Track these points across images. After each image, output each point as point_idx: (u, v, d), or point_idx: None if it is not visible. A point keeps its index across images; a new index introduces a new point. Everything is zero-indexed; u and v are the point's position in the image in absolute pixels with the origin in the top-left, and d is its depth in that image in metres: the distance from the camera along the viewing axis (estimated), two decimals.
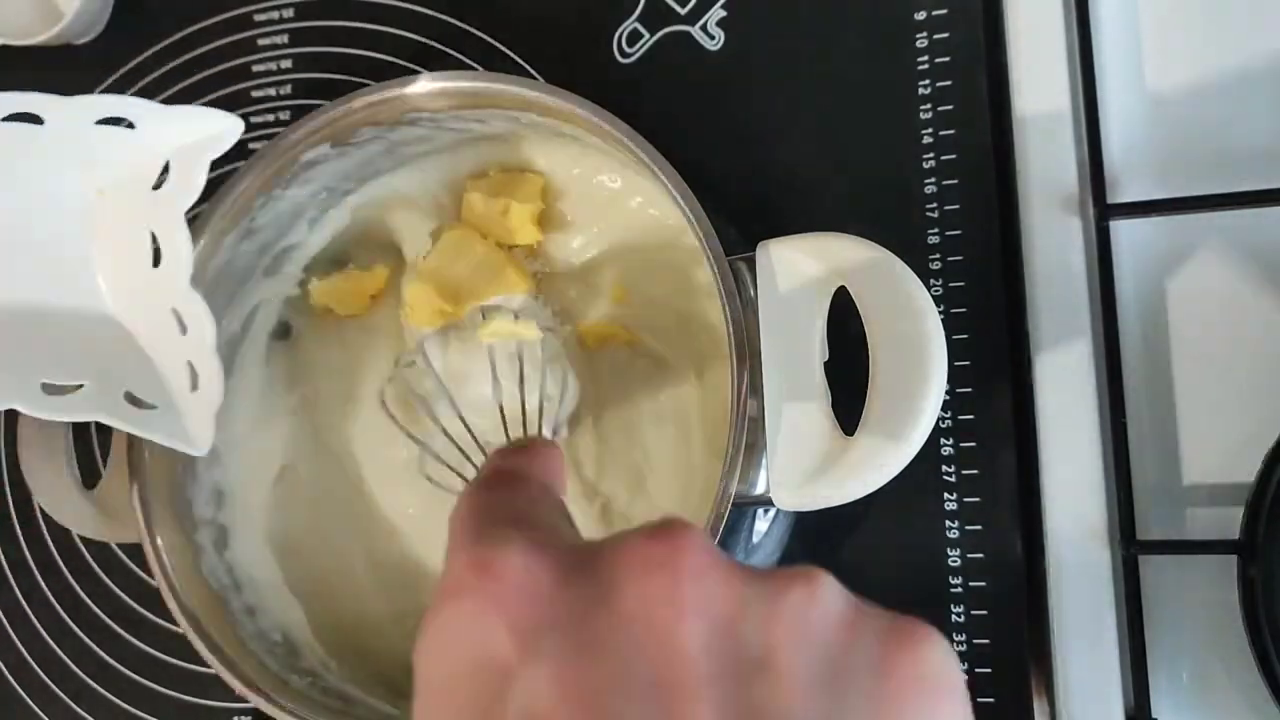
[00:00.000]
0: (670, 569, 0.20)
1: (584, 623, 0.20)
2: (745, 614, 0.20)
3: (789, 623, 0.20)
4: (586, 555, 0.21)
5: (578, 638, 0.19)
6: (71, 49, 0.62)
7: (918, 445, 0.36)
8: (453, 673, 0.20)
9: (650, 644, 0.19)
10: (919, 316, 0.37)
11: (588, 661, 0.19)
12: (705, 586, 0.20)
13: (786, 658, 0.20)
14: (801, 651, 0.20)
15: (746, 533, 0.43)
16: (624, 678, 0.19)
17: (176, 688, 0.54)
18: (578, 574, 0.21)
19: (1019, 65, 0.48)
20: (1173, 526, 0.45)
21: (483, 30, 0.55)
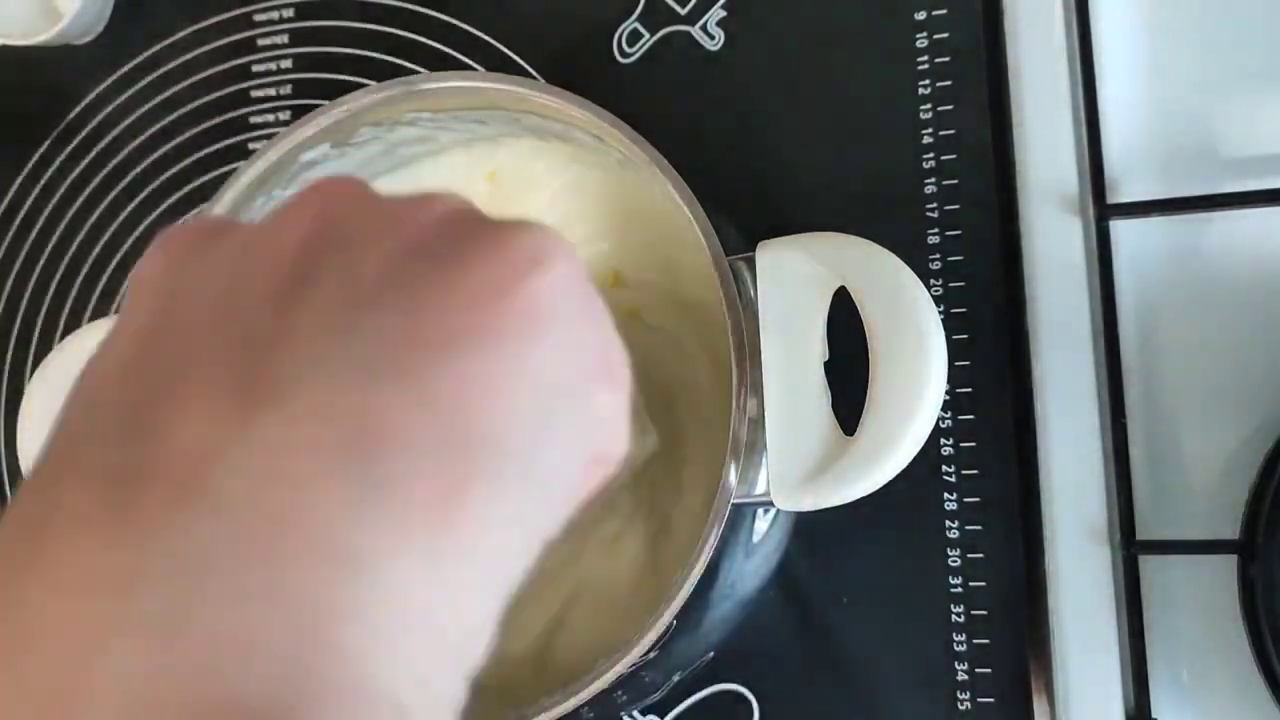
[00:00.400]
0: (303, 193, 0.21)
1: (222, 242, 0.21)
2: (354, 210, 0.21)
3: (386, 212, 0.21)
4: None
5: (209, 250, 0.21)
6: (71, 49, 0.62)
7: (917, 445, 0.36)
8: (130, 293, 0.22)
9: (257, 242, 0.20)
10: (919, 316, 0.37)
11: (203, 264, 0.20)
12: (324, 195, 0.21)
13: (369, 238, 0.20)
14: (386, 234, 0.20)
15: (746, 533, 0.43)
16: (221, 269, 0.20)
17: None
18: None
19: (1019, 65, 0.48)
20: (1173, 526, 0.45)
21: (483, 30, 0.55)
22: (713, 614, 0.43)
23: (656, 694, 0.46)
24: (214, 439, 0.17)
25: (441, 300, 0.19)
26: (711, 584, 0.40)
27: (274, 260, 0.20)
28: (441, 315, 0.19)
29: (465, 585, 0.18)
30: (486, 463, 0.18)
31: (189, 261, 0.21)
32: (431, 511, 0.17)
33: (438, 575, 0.17)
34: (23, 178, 0.62)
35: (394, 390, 0.18)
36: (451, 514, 0.17)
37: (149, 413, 0.17)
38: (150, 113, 0.60)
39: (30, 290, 0.61)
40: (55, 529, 0.16)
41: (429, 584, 0.17)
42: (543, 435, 0.19)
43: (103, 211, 0.61)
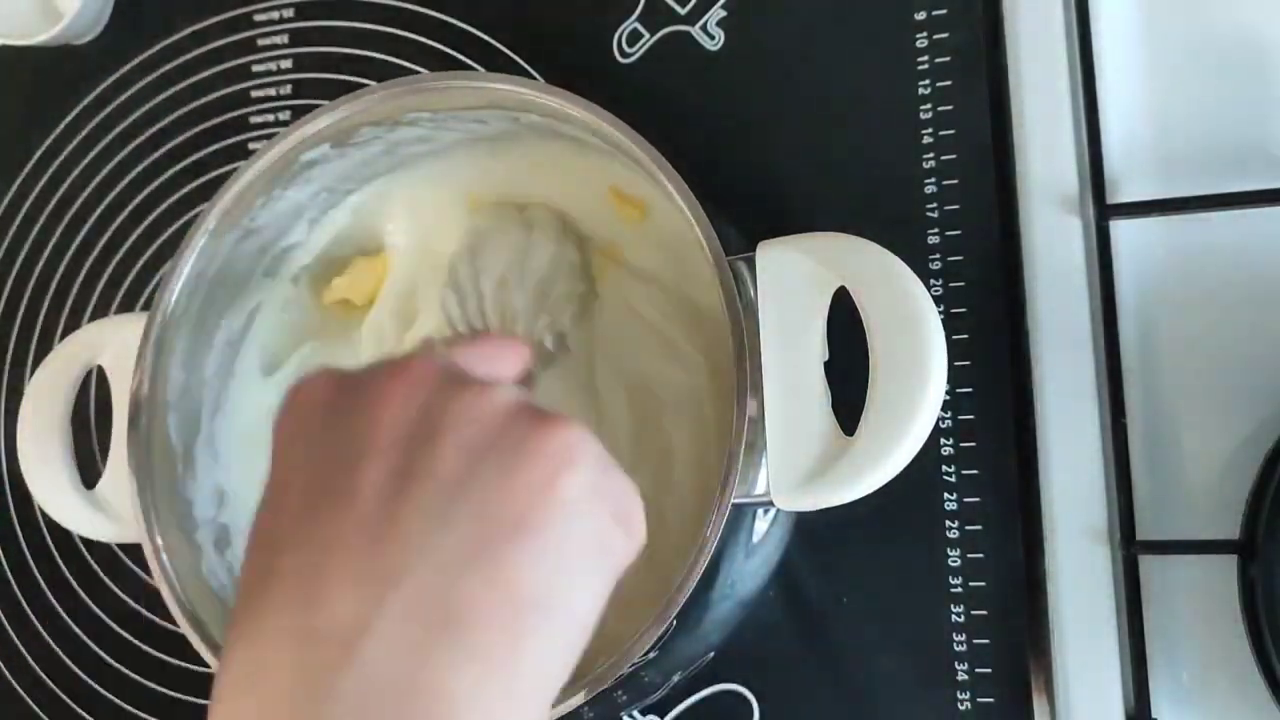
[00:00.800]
0: (400, 370, 0.28)
1: (337, 406, 0.28)
2: (436, 400, 0.27)
3: (461, 406, 0.27)
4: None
5: (331, 416, 0.28)
6: (71, 49, 0.62)
7: (918, 445, 0.36)
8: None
9: (365, 419, 0.27)
10: (919, 316, 0.37)
11: (329, 430, 0.28)
12: (414, 381, 0.28)
13: (449, 430, 0.27)
14: (461, 427, 0.27)
15: (746, 533, 0.43)
16: (344, 441, 0.27)
17: (176, 688, 0.54)
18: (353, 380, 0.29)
19: (1019, 65, 0.48)
20: (1173, 526, 0.45)
21: (483, 30, 0.55)
22: (713, 614, 0.43)
23: (656, 694, 0.46)
24: (362, 614, 0.24)
25: (503, 498, 0.26)
26: (711, 584, 0.40)
27: (379, 449, 0.27)
28: (502, 510, 0.26)
29: (527, 698, 0.25)
30: (536, 620, 0.26)
31: (315, 429, 0.28)
32: (501, 660, 0.25)
33: (508, 701, 0.25)
34: (23, 177, 0.62)
35: (475, 578, 0.25)
36: (513, 658, 0.25)
37: (314, 589, 0.25)
38: (150, 113, 0.60)
39: (30, 290, 0.61)
40: (263, 680, 0.24)
41: (506, 707, 0.25)
42: (574, 588, 0.27)
43: (103, 211, 0.61)
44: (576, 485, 0.27)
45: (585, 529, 0.27)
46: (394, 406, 0.27)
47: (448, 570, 0.25)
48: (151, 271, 0.59)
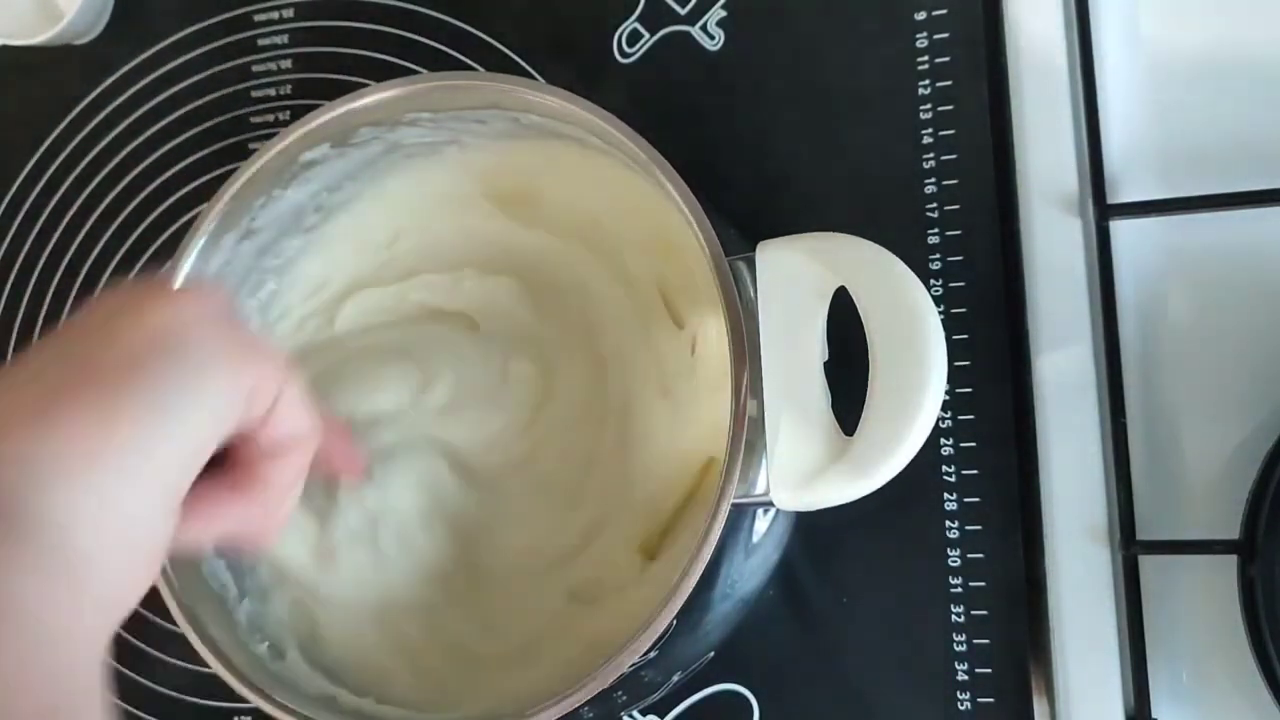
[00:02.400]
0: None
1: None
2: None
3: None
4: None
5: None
6: (71, 49, 0.62)
7: (917, 445, 0.36)
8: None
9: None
10: (919, 316, 0.37)
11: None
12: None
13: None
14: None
15: (746, 533, 0.43)
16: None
17: (176, 688, 0.54)
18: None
19: (1019, 65, 0.48)
20: (1173, 526, 0.45)
21: (483, 30, 0.55)
22: (713, 614, 0.43)
23: (656, 694, 0.46)
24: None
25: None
26: (711, 584, 0.40)
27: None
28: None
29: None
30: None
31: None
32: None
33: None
34: (23, 178, 0.62)
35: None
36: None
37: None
38: (150, 113, 0.60)
39: (30, 290, 0.61)
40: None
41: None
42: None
43: (103, 211, 0.61)
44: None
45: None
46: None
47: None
48: (151, 271, 0.59)
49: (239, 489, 0.35)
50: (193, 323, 0.31)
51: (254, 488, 0.35)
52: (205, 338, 0.31)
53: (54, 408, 0.28)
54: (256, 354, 0.33)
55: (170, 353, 0.30)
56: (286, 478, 0.36)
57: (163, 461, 0.30)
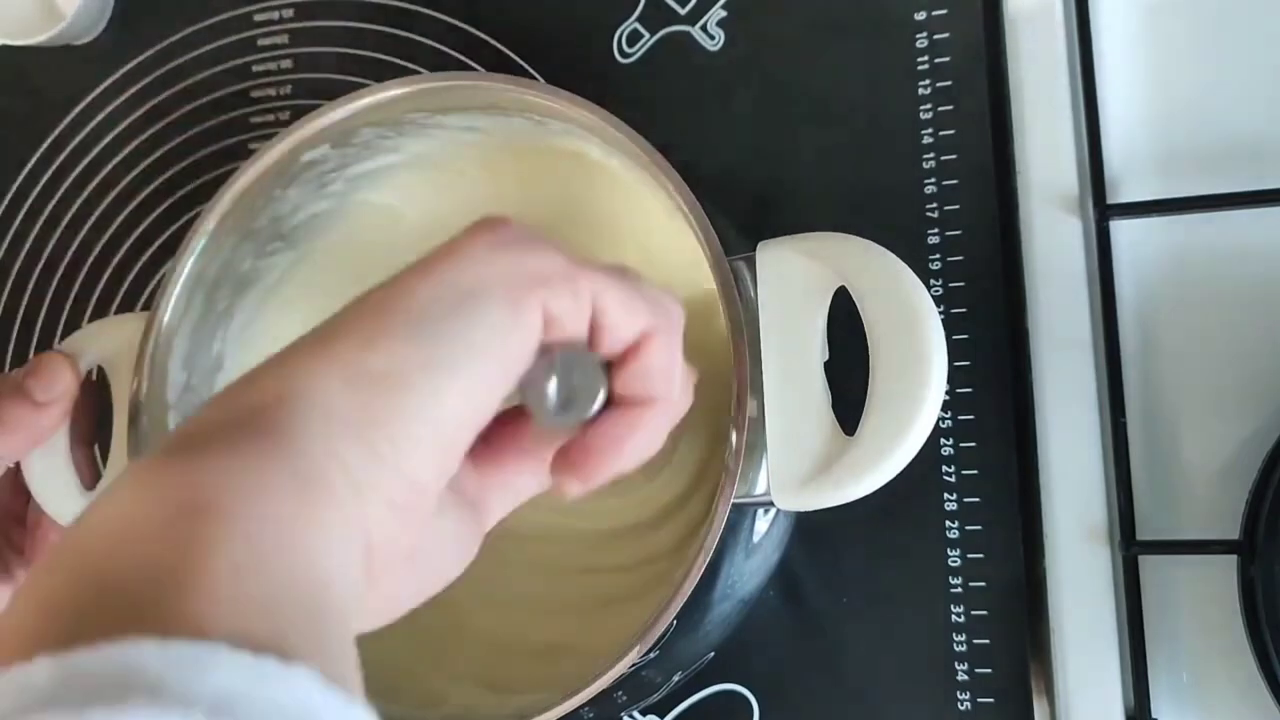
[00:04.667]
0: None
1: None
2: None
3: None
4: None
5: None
6: (71, 49, 0.62)
7: (918, 445, 0.36)
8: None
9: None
10: (919, 316, 0.37)
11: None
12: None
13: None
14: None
15: (747, 533, 0.43)
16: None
17: None
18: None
19: (1019, 65, 0.48)
20: (1173, 526, 0.45)
21: (483, 30, 0.55)
22: (713, 614, 0.43)
23: (656, 694, 0.46)
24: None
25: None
26: (712, 584, 0.40)
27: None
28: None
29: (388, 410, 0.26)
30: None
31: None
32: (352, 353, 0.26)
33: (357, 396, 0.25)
34: (23, 178, 0.62)
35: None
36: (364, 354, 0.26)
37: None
38: (150, 113, 0.60)
39: (30, 290, 0.61)
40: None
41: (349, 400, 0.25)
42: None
43: (103, 211, 0.61)
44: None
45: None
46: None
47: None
48: (151, 271, 0.59)
49: (629, 406, 0.31)
50: (467, 264, 0.28)
51: (638, 397, 0.31)
52: (479, 273, 0.28)
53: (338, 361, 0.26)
54: (540, 274, 0.29)
55: (440, 300, 0.27)
56: (658, 363, 0.31)
57: (441, 417, 0.26)
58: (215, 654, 0.19)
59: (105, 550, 0.22)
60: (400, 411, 0.26)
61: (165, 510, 0.22)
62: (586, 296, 0.29)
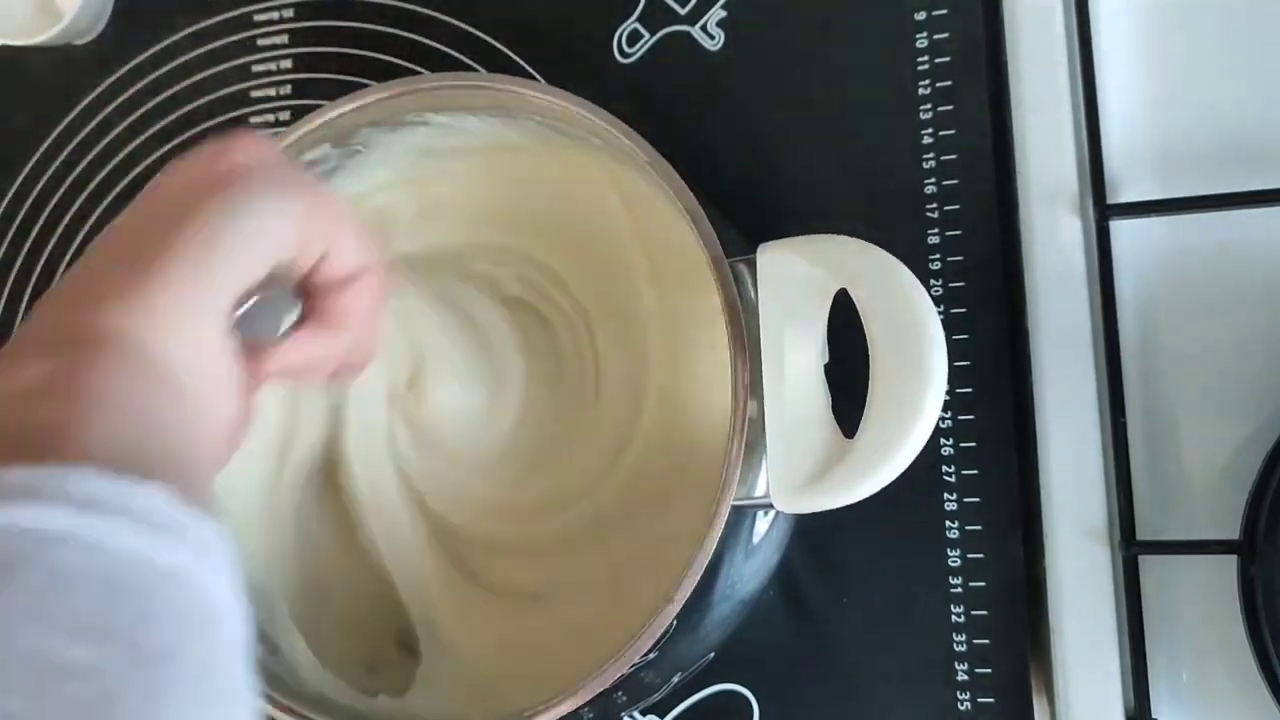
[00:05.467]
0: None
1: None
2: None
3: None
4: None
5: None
6: (71, 49, 0.62)
7: (918, 447, 0.36)
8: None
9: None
10: (919, 318, 0.37)
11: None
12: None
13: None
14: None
15: (747, 534, 0.43)
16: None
17: None
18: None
19: (1019, 65, 0.48)
20: (1173, 526, 0.45)
21: (483, 30, 0.55)
22: (713, 615, 0.43)
23: (657, 694, 0.46)
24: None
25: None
26: (712, 585, 0.40)
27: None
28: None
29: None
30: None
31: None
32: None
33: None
34: (23, 178, 0.62)
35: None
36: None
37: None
38: (150, 113, 0.60)
39: (30, 290, 0.61)
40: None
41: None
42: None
43: (104, 210, 0.61)
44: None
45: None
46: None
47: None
48: None
49: (323, 327, 0.37)
50: (243, 165, 0.33)
51: (332, 322, 0.37)
52: (255, 177, 0.33)
53: (129, 255, 0.31)
54: (305, 190, 0.34)
55: (223, 191, 0.32)
56: (360, 305, 0.37)
57: (217, 288, 0.31)
58: (85, 471, 0.25)
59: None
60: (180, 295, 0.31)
61: (39, 398, 0.27)
62: (333, 223, 0.35)
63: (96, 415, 0.27)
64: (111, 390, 0.28)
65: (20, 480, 0.25)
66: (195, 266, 0.31)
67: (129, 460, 0.27)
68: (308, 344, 0.37)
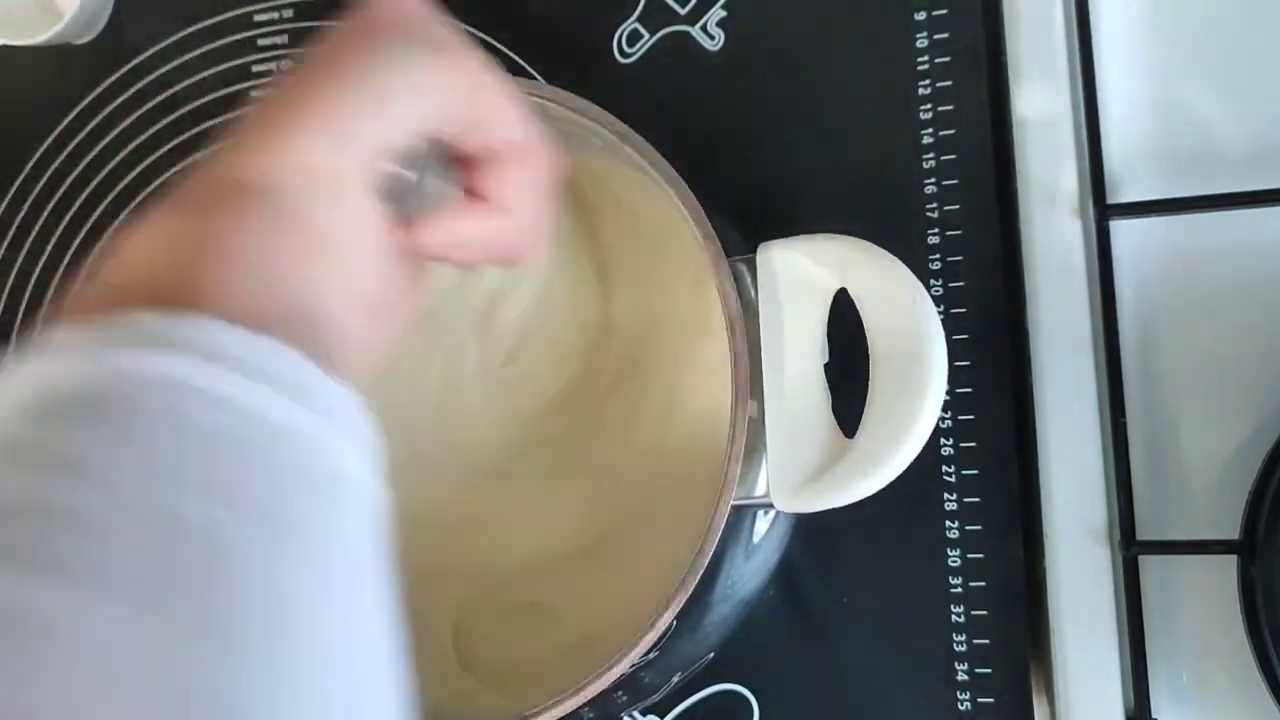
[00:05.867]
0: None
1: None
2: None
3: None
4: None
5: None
6: (71, 49, 0.62)
7: (918, 447, 0.36)
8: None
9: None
10: (919, 318, 0.37)
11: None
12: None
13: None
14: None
15: (747, 534, 0.43)
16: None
17: None
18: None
19: (1019, 65, 0.48)
20: (1173, 526, 0.45)
21: (483, 30, 0.55)
22: (713, 615, 0.43)
23: (657, 694, 0.46)
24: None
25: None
26: (712, 585, 0.40)
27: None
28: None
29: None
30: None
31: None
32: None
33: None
34: (23, 178, 0.62)
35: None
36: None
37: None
38: (150, 113, 0.60)
39: (30, 290, 0.61)
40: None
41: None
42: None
43: (104, 211, 0.61)
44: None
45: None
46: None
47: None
48: None
49: (480, 205, 0.34)
50: (395, 19, 0.31)
51: (491, 201, 0.34)
52: (407, 31, 0.31)
53: (272, 109, 0.30)
54: (461, 52, 0.32)
55: (370, 41, 0.30)
56: (522, 185, 0.34)
57: (361, 139, 0.29)
58: (209, 320, 0.24)
59: (127, 272, 0.27)
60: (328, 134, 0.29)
61: (177, 247, 0.27)
62: (480, 84, 0.32)
63: (229, 268, 0.26)
64: (246, 244, 0.27)
65: (149, 329, 0.24)
66: (335, 114, 0.29)
67: (262, 317, 0.25)
68: (463, 221, 0.34)
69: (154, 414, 0.23)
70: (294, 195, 0.28)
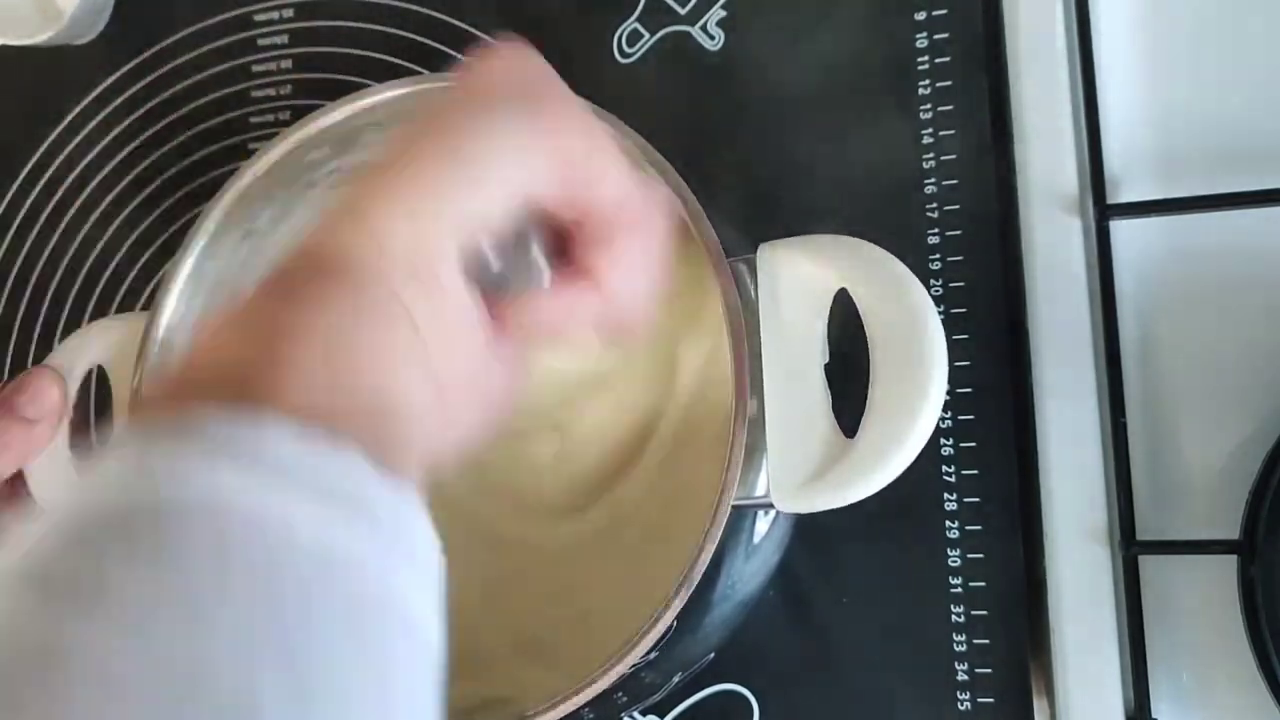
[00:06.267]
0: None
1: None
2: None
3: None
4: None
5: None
6: (71, 49, 0.62)
7: (918, 447, 0.36)
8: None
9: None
10: (920, 318, 0.37)
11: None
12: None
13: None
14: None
15: (747, 534, 0.43)
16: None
17: None
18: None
19: (1019, 65, 0.48)
20: (1173, 526, 0.45)
21: (483, 30, 0.55)
22: (713, 615, 0.43)
23: (657, 694, 0.46)
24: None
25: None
26: (712, 585, 0.40)
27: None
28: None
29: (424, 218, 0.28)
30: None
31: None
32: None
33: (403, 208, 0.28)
34: (23, 178, 0.62)
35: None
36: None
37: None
38: (150, 113, 0.60)
39: (30, 290, 0.61)
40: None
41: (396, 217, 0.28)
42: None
43: (103, 212, 0.61)
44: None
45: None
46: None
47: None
48: (151, 271, 0.59)
49: (580, 278, 0.31)
50: (499, 81, 0.31)
51: (591, 274, 0.31)
52: (508, 93, 0.30)
53: (368, 180, 0.29)
54: (565, 111, 0.30)
55: (470, 107, 0.29)
56: (626, 257, 0.31)
57: (456, 212, 0.28)
58: (270, 422, 0.23)
59: (200, 360, 0.26)
60: (440, 240, 0.28)
61: (252, 334, 0.26)
62: (589, 146, 0.31)
63: (304, 359, 0.25)
64: (325, 330, 0.25)
65: (208, 433, 0.22)
66: (426, 191, 0.27)
67: (335, 413, 0.24)
68: (561, 297, 0.31)
69: (195, 548, 0.21)
70: (379, 277, 0.27)
